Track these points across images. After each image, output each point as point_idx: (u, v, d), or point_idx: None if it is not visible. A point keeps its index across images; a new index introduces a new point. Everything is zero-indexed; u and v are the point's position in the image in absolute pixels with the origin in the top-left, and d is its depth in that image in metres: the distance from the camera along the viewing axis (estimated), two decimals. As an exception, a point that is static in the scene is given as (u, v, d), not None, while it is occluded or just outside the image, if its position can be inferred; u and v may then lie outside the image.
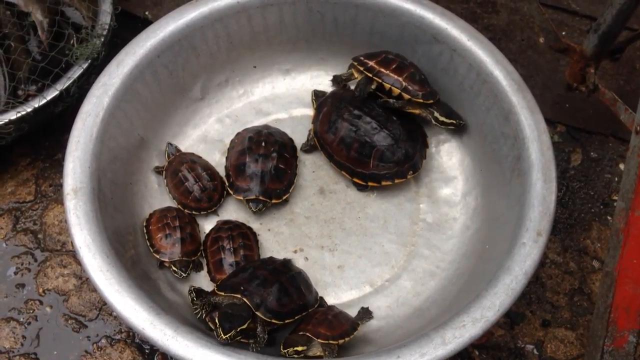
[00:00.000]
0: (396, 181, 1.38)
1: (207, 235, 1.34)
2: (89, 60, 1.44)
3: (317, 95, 1.49)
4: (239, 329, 1.08)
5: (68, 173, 1.21)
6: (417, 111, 1.39)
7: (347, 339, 1.15)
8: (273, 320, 1.13)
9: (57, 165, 1.53)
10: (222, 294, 1.15)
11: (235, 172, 1.37)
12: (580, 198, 1.51)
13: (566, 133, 1.60)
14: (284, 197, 1.37)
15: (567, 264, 1.44)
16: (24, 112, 1.37)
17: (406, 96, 1.35)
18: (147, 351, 1.34)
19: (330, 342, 1.13)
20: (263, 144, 1.37)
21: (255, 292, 1.14)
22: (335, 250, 1.36)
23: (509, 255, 1.15)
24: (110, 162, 1.28)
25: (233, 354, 1.05)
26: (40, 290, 1.39)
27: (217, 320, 1.09)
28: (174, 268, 1.27)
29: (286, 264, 1.26)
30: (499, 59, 1.34)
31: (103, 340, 1.34)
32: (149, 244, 1.29)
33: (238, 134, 1.45)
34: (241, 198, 1.35)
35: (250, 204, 1.35)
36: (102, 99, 1.28)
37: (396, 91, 1.35)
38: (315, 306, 1.23)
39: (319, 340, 1.13)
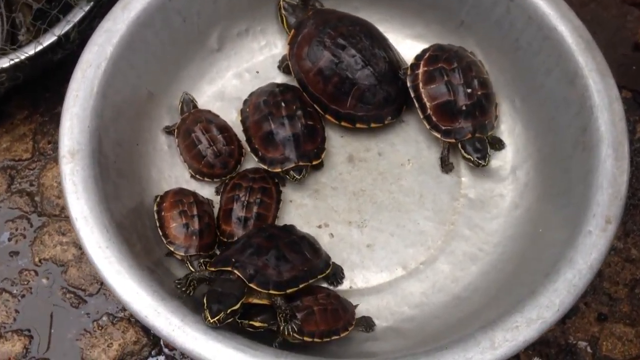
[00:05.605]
0: (372, 125, 1.26)
1: (232, 177, 1.23)
2: (92, 2, 1.28)
3: (287, 9, 1.32)
4: (229, 310, 0.96)
5: (65, 132, 1.08)
6: None
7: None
8: (271, 292, 1.02)
9: (57, 120, 1.36)
10: (213, 269, 1.04)
11: (262, 144, 1.21)
12: (645, 175, 1.36)
13: (632, 99, 1.44)
14: (322, 156, 1.24)
15: (629, 250, 1.30)
16: (17, 60, 1.23)
17: (426, 124, 1.25)
18: (152, 332, 1.22)
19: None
20: (282, 104, 1.22)
21: (249, 263, 1.03)
22: (365, 226, 1.23)
23: (571, 244, 1.00)
24: (113, 119, 1.15)
25: (247, 349, 0.93)
26: (36, 260, 1.27)
27: (204, 301, 0.96)
28: (187, 263, 1.13)
29: (288, 228, 1.15)
30: (565, 11, 1.17)
31: (104, 318, 1.23)
32: (161, 232, 1.14)
33: (246, 101, 1.30)
34: (279, 170, 1.20)
35: (292, 172, 1.20)
36: (105, 47, 1.15)
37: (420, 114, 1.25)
38: (327, 272, 1.13)
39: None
